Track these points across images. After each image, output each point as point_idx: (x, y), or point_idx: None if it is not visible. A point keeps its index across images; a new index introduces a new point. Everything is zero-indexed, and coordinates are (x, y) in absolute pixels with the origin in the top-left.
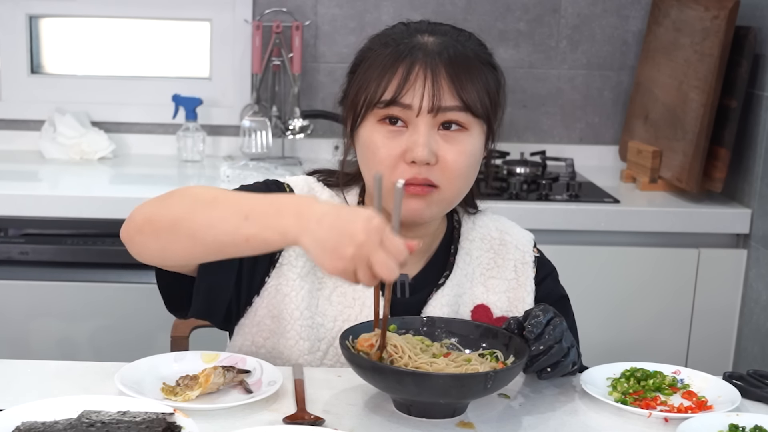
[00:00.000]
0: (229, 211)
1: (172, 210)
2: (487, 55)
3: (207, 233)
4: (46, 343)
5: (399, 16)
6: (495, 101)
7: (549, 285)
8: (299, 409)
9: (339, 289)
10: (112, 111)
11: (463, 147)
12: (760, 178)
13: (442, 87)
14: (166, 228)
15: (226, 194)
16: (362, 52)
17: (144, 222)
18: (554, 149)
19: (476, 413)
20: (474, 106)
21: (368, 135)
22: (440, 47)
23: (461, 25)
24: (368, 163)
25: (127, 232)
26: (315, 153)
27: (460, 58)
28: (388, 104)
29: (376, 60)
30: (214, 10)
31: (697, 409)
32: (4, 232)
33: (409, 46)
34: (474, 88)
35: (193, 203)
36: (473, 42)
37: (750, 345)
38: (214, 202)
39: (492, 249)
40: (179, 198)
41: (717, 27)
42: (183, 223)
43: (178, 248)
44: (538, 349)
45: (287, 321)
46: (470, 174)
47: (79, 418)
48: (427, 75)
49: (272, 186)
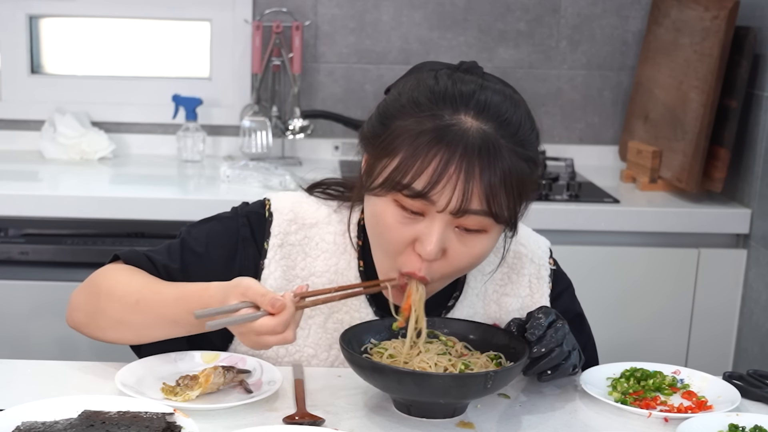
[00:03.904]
0: (157, 317)
1: (107, 313)
2: (532, 149)
3: (148, 333)
4: (46, 343)
5: (399, 16)
6: (525, 200)
7: (565, 302)
8: (299, 409)
9: (335, 315)
10: (112, 111)
11: (475, 250)
12: (760, 178)
13: (473, 192)
14: (109, 327)
15: (144, 292)
16: (399, 106)
17: (87, 319)
18: (554, 149)
19: (476, 413)
20: (500, 214)
21: (382, 210)
22: (481, 140)
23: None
24: (374, 233)
25: (73, 322)
26: (315, 153)
27: (500, 158)
28: (414, 196)
29: (410, 135)
30: (214, 10)
31: (697, 409)
32: (4, 232)
33: (450, 131)
34: (505, 197)
35: (122, 308)
36: (523, 129)
37: (750, 345)
38: (137, 306)
39: (506, 263)
40: (107, 299)
41: (717, 27)
42: (123, 325)
43: (128, 340)
44: (539, 352)
45: (272, 358)
46: (471, 268)
47: (79, 418)
48: (460, 177)
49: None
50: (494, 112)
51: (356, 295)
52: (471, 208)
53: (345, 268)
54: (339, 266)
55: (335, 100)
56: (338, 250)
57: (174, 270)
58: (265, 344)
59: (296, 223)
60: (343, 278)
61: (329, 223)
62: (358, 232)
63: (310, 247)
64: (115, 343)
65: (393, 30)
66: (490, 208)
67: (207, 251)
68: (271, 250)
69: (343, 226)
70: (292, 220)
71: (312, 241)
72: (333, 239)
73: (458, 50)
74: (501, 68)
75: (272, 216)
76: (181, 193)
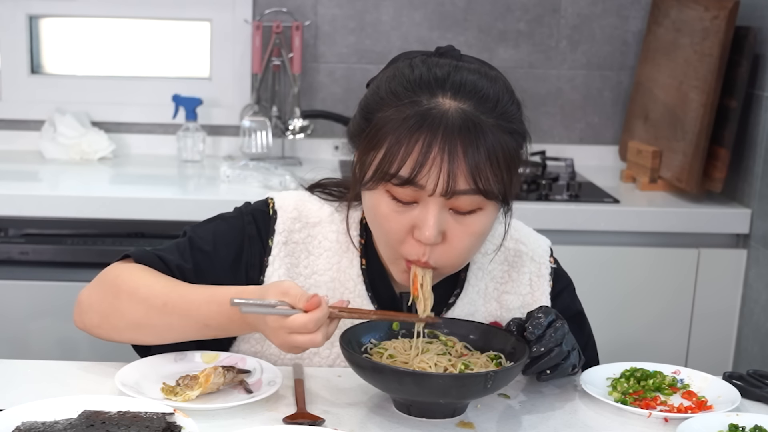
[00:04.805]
0: (186, 320)
1: (128, 314)
2: (515, 121)
3: (172, 335)
4: (46, 343)
5: (399, 16)
6: (514, 174)
7: (565, 300)
8: (299, 409)
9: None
10: (112, 111)
11: (473, 228)
12: (760, 178)
13: (458, 172)
14: (127, 328)
15: (172, 296)
16: (379, 99)
17: (101, 320)
18: (554, 149)
19: (476, 413)
20: (490, 190)
21: (376, 202)
22: (461, 119)
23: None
24: (374, 225)
25: (83, 324)
26: (315, 153)
27: (482, 135)
28: (402, 183)
29: (392, 125)
30: (214, 10)
31: (697, 409)
32: (4, 232)
33: (429, 115)
34: (492, 173)
35: (147, 309)
36: (502, 102)
37: (750, 345)
38: (165, 309)
39: (506, 261)
40: (129, 299)
41: (717, 27)
42: (145, 327)
43: (146, 341)
44: (539, 351)
45: (274, 355)
46: (476, 248)
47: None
48: (444, 158)
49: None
50: (471, 89)
51: (390, 320)
52: (458, 189)
53: (347, 267)
54: (342, 264)
55: (335, 100)
56: (341, 249)
57: (188, 270)
58: (295, 343)
59: (300, 221)
60: (346, 276)
61: (332, 222)
62: (360, 230)
63: (313, 245)
64: (127, 343)
65: (393, 30)
66: (478, 186)
67: (215, 249)
68: (276, 248)
69: (345, 225)
70: (296, 218)
71: (315, 240)
72: (336, 237)
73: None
74: (501, 68)
75: (276, 214)
76: (181, 193)
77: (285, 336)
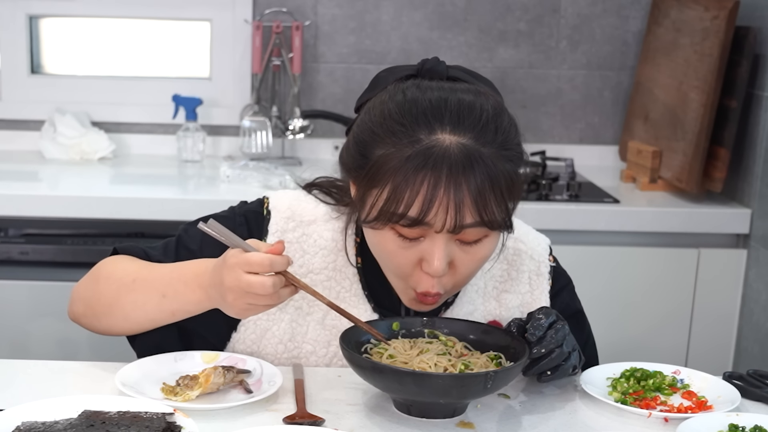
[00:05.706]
0: (148, 293)
1: (103, 296)
2: (513, 145)
3: (137, 314)
4: (46, 343)
5: (399, 16)
6: (516, 198)
7: (564, 299)
8: (299, 409)
9: (333, 313)
10: (112, 111)
11: (479, 255)
12: (760, 178)
13: (464, 208)
14: (103, 313)
15: (142, 272)
16: (374, 134)
17: (84, 308)
18: (554, 149)
19: (476, 413)
20: (494, 221)
21: (381, 240)
22: (464, 156)
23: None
24: (380, 259)
25: (73, 314)
26: (315, 153)
27: (485, 168)
28: (411, 225)
29: (394, 164)
30: (214, 10)
31: (697, 409)
32: (4, 232)
33: (431, 153)
34: (495, 203)
35: (118, 288)
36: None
37: (750, 345)
38: (133, 285)
39: (506, 259)
40: (105, 282)
41: (717, 27)
42: (115, 308)
43: (119, 327)
44: (539, 352)
45: (271, 354)
46: (480, 267)
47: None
48: (450, 196)
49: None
50: (470, 122)
51: (339, 312)
52: (465, 223)
53: (343, 265)
54: (337, 263)
55: (335, 100)
56: (336, 247)
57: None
58: (247, 282)
59: (294, 220)
60: (342, 275)
61: (328, 221)
62: (356, 229)
63: (308, 244)
64: (108, 334)
65: (393, 30)
66: (482, 218)
67: (200, 249)
68: None
69: (341, 224)
70: (290, 217)
71: (310, 239)
72: (331, 236)
73: (458, 50)
74: (501, 68)
75: (270, 214)
76: (181, 193)
77: (240, 275)
